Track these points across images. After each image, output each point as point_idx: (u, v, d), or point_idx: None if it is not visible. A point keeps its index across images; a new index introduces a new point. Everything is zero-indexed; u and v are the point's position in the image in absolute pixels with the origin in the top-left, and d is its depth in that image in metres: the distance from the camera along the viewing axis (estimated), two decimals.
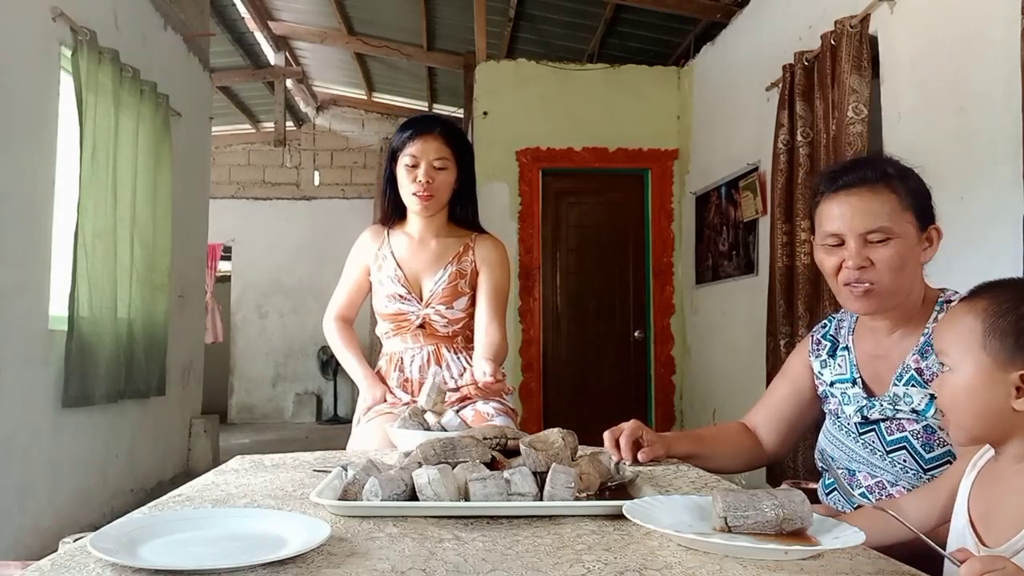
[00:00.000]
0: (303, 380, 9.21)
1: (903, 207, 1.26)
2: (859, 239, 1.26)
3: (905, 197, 1.27)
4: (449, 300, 2.01)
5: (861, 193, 1.28)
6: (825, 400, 1.47)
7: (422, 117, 2.12)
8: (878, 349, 1.38)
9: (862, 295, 1.28)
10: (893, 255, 1.25)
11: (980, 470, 1.04)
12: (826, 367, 1.47)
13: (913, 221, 1.27)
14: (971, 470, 1.05)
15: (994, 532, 0.96)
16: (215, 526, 0.90)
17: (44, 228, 3.38)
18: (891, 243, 1.25)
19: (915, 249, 1.28)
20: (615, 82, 5.60)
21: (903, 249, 1.25)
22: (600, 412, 5.52)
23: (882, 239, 1.25)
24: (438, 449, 1.07)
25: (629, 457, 1.37)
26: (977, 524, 0.99)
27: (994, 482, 1.00)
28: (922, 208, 1.29)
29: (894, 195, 1.27)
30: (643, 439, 1.41)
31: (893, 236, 1.25)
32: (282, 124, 8.71)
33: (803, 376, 1.52)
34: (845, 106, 3.28)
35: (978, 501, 1.01)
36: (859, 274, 1.27)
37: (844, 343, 1.45)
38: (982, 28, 2.68)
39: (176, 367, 4.89)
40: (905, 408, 1.30)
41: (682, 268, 5.53)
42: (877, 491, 1.32)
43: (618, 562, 0.79)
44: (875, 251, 1.25)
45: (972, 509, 1.01)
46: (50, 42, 3.40)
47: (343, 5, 6.61)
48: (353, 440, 1.98)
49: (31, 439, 3.29)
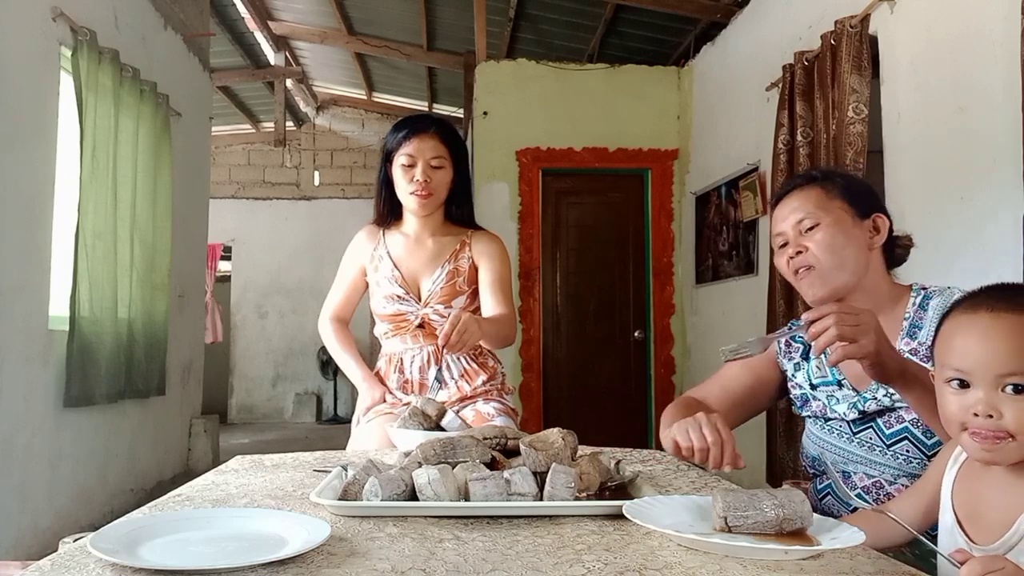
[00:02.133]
0: (303, 380, 9.21)
1: (830, 197, 1.40)
2: (794, 230, 1.41)
3: (832, 190, 1.41)
4: (447, 299, 2.01)
5: (791, 195, 1.44)
6: (805, 403, 1.47)
7: (416, 116, 2.09)
8: None
9: (806, 275, 1.39)
10: (823, 237, 1.37)
11: (961, 465, 1.03)
12: (800, 369, 1.48)
13: (845, 208, 1.39)
14: (952, 465, 1.04)
15: (982, 528, 0.96)
16: (215, 526, 0.90)
17: (44, 228, 3.38)
18: (821, 227, 1.38)
19: (851, 233, 1.38)
20: (615, 82, 5.60)
21: (835, 232, 1.37)
22: (600, 412, 5.53)
23: (812, 225, 1.38)
24: (438, 449, 1.07)
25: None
26: (963, 521, 0.98)
27: (976, 477, 1.00)
28: (856, 198, 1.41)
29: (819, 188, 1.41)
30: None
31: (821, 221, 1.38)
32: (282, 124, 8.71)
33: (766, 367, 1.53)
34: (845, 106, 3.28)
35: (962, 497, 1.01)
36: (799, 259, 1.39)
37: None
38: (982, 28, 2.68)
39: (176, 367, 4.89)
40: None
41: (682, 268, 5.53)
42: (875, 491, 1.31)
43: (618, 562, 0.79)
44: (809, 238, 1.39)
45: (957, 506, 1.00)
46: (50, 42, 3.40)
47: (343, 5, 6.61)
48: (353, 440, 1.97)
49: (31, 439, 3.29)
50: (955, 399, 0.96)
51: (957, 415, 0.95)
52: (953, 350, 0.96)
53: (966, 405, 0.94)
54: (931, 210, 2.94)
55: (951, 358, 0.96)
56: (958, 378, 0.95)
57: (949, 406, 0.97)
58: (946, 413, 0.98)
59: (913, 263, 1.51)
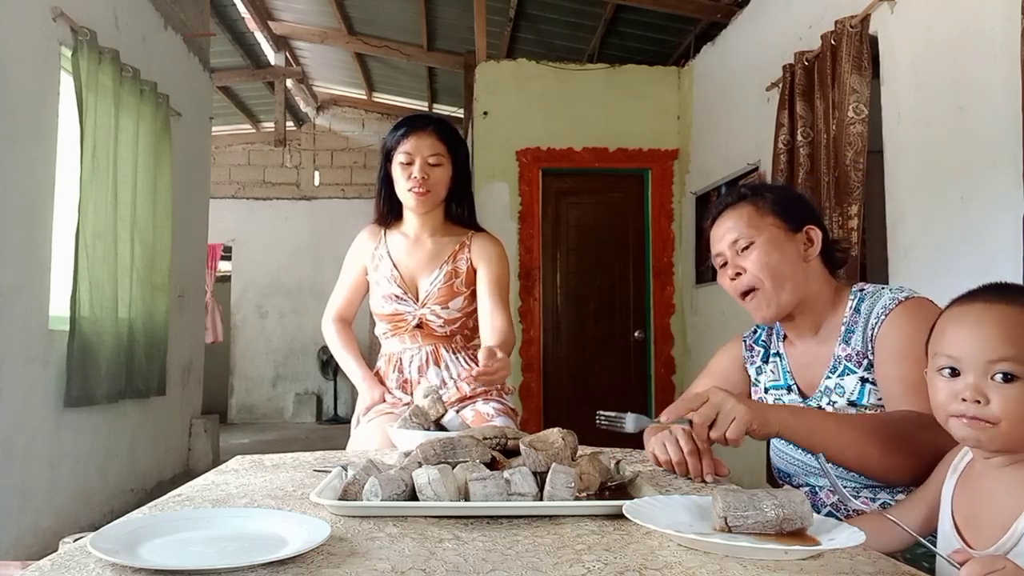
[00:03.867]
0: (303, 380, 9.21)
1: (761, 214, 1.40)
2: (731, 250, 1.41)
3: (763, 206, 1.41)
4: (445, 300, 2.01)
5: (724, 214, 1.45)
6: None
7: (415, 115, 2.11)
8: (807, 356, 1.42)
9: (751, 300, 1.40)
10: (758, 256, 1.38)
11: (961, 473, 1.04)
12: (761, 373, 1.50)
13: (777, 223, 1.39)
14: (952, 474, 1.05)
15: (979, 534, 0.96)
16: (215, 526, 0.90)
17: (44, 228, 3.38)
18: (755, 246, 1.38)
19: (784, 248, 1.38)
20: (615, 82, 5.60)
21: (768, 249, 1.38)
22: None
23: (746, 244, 1.39)
24: (438, 449, 1.07)
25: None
26: (961, 527, 0.99)
27: (975, 484, 1.00)
28: (788, 212, 1.41)
29: (750, 206, 1.42)
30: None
31: (755, 239, 1.39)
32: (282, 124, 8.72)
33: (735, 376, 1.55)
34: (845, 106, 3.28)
35: (961, 504, 1.01)
36: (739, 283, 1.40)
37: (775, 349, 1.49)
38: (982, 28, 2.68)
39: (176, 367, 4.89)
40: (841, 401, 1.32)
41: (682, 268, 5.53)
42: (843, 508, 1.30)
43: (618, 562, 0.79)
44: (745, 258, 1.39)
45: (956, 513, 1.01)
46: (50, 42, 3.40)
47: (343, 5, 6.61)
48: (353, 440, 1.97)
49: (31, 439, 3.29)
50: (945, 387, 0.97)
51: (945, 403, 0.96)
52: (945, 338, 0.97)
53: (955, 391, 0.95)
54: (931, 210, 2.94)
55: (943, 346, 0.97)
56: (949, 366, 0.96)
57: (938, 394, 0.98)
58: (935, 401, 0.99)
59: (913, 263, 1.51)
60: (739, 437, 1.14)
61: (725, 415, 1.14)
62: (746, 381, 1.55)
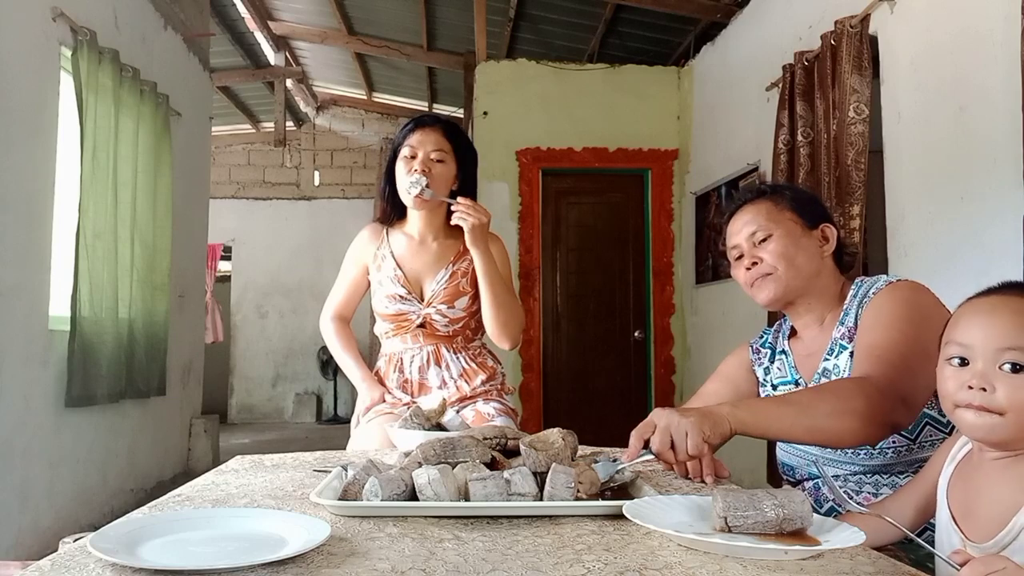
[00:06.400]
0: (303, 380, 9.21)
1: (779, 209, 1.46)
2: (748, 242, 1.46)
3: (780, 201, 1.47)
4: (451, 300, 2.01)
5: (743, 209, 1.50)
6: None
7: (425, 114, 2.13)
8: (811, 346, 1.47)
9: (761, 282, 1.44)
10: (776, 247, 1.43)
11: (958, 464, 1.04)
12: (768, 373, 1.54)
13: (795, 219, 1.45)
14: (949, 464, 1.05)
15: (976, 526, 0.96)
16: (215, 526, 0.90)
17: (44, 228, 3.38)
18: (773, 238, 1.44)
19: (802, 241, 1.44)
20: (615, 82, 5.60)
21: (787, 241, 1.43)
22: (600, 412, 5.53)
23: (765, 236, 1.44)
24: (438, 449, 1.07)
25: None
26: (959, 519, 0.99)
27: (972, 475, 1.00)
28: (805, 209, 1.47)
29: (768, 201, 1.47)
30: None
31: (773, 232, 1.44)
32: (282, 124, 8.71)
33: (742, 379, 1.58)
34: (846, 106, 3.28)
35: (957, 495, 1.01)
36: (756, 270, 1.45)
37: (781, 347, 1.54)
38: (982, 28, 2.68)
39: (176, 367, 4.89)
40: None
41: (682, 268, 5.53)
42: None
43: (618, 562, 0.79)
44: (763, 249, 1.44)
45: (952, 504, 1.01)
46: (50, 42, 3.40)
47: (343, 5, 6.61)
48: (353, 440, 1.98)
49: (31, 439, 3.29)
50: (953, 376, 0.97)
51: (953, 392, 0.96)
52: (958, 327, 0.98)
53: (963, 380, 0.95)
54: (931, 210, 2.94)
55: (955, 334, 0.98)
56: (959, 356, 0.96)
57: (947, 383, 0.98)
58: (943, 391, 0.99)
59: (913, 263, 1.53)
60: (699, 449, 1.15)
61: (679, 433, 1.15)
62: (754, 383, 1.58)
